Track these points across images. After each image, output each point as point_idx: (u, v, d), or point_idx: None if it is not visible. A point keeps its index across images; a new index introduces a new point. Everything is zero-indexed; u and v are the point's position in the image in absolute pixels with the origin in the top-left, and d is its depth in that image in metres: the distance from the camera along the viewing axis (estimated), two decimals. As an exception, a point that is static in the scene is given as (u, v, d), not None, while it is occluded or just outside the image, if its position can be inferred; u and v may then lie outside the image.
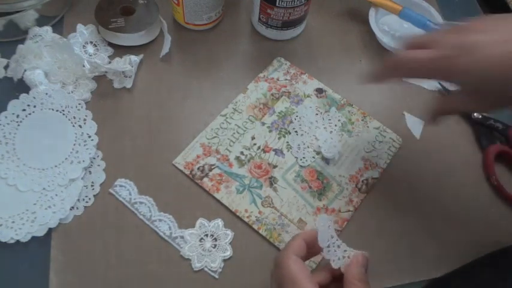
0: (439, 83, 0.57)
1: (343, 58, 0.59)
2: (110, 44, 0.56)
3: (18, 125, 0.48)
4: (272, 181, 0.49)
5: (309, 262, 0.44)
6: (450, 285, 0.43)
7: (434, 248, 0.47)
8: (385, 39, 0.58)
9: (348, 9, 0.63)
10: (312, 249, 0.37)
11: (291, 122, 0.52)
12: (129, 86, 0.53)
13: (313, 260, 0.45)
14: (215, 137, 0.51)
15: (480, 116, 0.55)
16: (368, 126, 0.53)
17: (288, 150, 0.51)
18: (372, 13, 0.59)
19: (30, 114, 0.48)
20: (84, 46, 0.55)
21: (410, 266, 0.46)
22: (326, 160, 0.51)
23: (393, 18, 0.60)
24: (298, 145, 0.51)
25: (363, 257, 0.36)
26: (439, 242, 0.48)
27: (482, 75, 0.34)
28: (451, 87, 0.57)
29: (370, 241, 0.47)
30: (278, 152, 0.51)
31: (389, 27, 0.61)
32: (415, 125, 0.55)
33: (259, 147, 0.51)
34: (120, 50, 0.55)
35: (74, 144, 0.48)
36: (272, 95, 0.55)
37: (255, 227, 0.46)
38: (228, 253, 0.45)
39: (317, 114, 0.53)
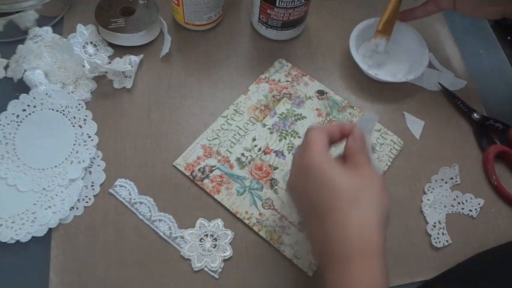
0: (439, 83, 0.57)
1: (343, 58, 0.59)
2: (110, 44, 0.56)
3: (18, 125, 0.48)
4: (273, 183, 0.49)
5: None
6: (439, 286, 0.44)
7: (435, 249, 0.47)
8: (363, 66, 0.55)
9: (347, 9, 0.63)
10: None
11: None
12: (129, 86, 0.53)
13: None
14: (216, 138, 0.51)
15: (480, 116, 0.55)
16: (369, 129, 0.53)
17: (289, 152, 0.51)
18: (352, 37, 0.56)
19: (30, 114, 0.48)
20: (84, 46, 0.55)
21: (411, 267, 0.46)
22: None
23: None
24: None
25: (358, 135, 0.39)
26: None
27: None
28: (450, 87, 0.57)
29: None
30: (279, 153, 0.51)
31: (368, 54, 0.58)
32: (415, 125, 0.55)
33: (260, 149, 0.51)
34: (120, 50, 0.55)
35: (74, 144, 0.48)
36: (273, 96, 0.54)
37: (255, 228, 0.46)
38: (228, 253, 0.45)
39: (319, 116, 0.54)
